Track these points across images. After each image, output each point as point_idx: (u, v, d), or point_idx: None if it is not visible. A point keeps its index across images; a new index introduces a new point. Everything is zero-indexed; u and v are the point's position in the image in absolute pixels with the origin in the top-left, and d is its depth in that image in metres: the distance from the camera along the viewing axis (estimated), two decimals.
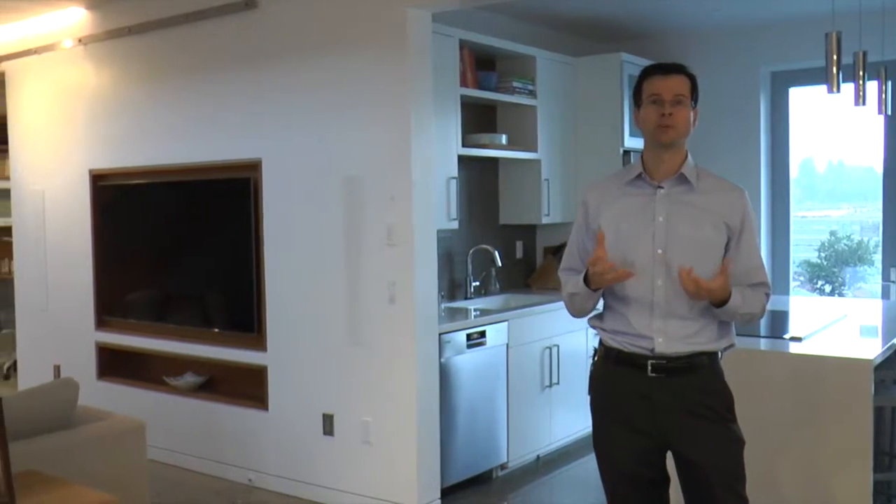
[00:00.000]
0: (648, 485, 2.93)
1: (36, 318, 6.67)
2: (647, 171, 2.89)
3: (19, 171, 6.79)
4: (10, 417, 3.14)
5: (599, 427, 3.00)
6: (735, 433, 2.84)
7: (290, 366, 5.09)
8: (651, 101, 2.81)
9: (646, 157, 2.91)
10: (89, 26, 6.05)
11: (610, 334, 2.92)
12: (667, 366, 2.80)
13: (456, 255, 5.92)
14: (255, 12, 5.09)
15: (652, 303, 2.82)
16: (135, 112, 5.85)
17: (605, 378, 2.96)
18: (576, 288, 2.90)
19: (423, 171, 4.58)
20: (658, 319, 2.81)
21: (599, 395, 2.99)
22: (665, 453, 2.91)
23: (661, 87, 2.80)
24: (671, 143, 2.82)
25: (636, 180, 2.90)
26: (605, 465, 2.99)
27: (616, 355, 2.89)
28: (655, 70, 2.86)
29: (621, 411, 2.88)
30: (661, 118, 2.79)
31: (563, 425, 5.77)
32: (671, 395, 2.80)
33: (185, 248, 5.72)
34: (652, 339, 2.81)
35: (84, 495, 3.09)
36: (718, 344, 2.86)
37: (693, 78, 2.87)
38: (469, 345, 5.01)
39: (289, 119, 5.01)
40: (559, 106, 6.28)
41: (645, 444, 2.86)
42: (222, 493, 5.19)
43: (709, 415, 2.80)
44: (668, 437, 2.84)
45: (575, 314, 3.03)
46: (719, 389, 2.85)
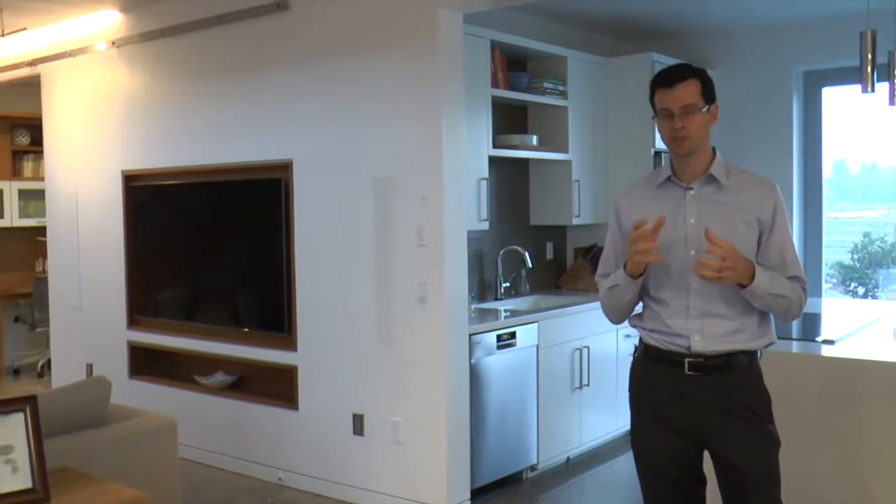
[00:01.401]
0: (684, 483, 2.93)
1: (69, 316, 6.74)
2: (675, 173, 2.88)
3: (53, 172, 6.86)
4: (45, 415, 3.17)
5: (637, 424, 2.99)
6: (771, 434, 2.82)
7: (320, 365, 5.11)
8: (662, 115, 2.80)
9: (673, 160, 2.90)
10: (122, 29, 6.11)
11: (648, 332, 2.92)
12: (704, 364, 2.79)
13: (486, 256, 5.91)
14: (287, 14, 5.11)
15: (688, 304, 2.81)
16: (167, 113, 5.89)
17: (644, 375, 2.96)
18: (615, 279, 2.89)
19: (453, 171, 4.58)
20: (694, 319, 2.80)
21: (637, 392, 2.99)
22: (702, 452, 2.90)
23: (668, 100, 2.78)
24: (688, 153, 2.82)
25: (666, 183, 2.90)
26: (641, 462, 2.99)
27: (654, 353, 2.89)
28: (660, 82, 2.82)
29: (658, 409, 2.88)
30: (673, 132, 2.78)
31: (593, 427, 5.75)
32: (708, 393, 2.79)
33: (216, 248, 5.76)
34: (688, 338, 2.80)
35: (116, 492, 3.10)
36: (757, 343, 2.84)
37: (702, 77, 2.83)
38: (499, 346, 5.00)
39: (320, 120, 5.03)
40: (590, 106, 6.25)
41: (681, 442, 2.85)
42: (252, 492, 5.22)
43: (746, 415, 2.78)
44: (704, 436, 2.83)
45: (613, 315, 3.00)
46: (757, 389, 2.83)
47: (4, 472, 2.98)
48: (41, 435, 3.09)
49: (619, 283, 2.87)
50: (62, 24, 6.48)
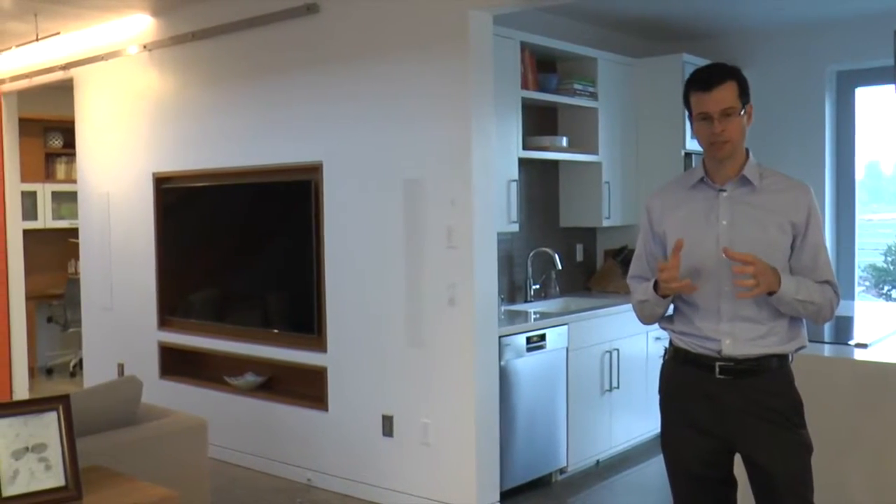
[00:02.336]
0: (715, 486, 2.90)
1: (101, 317, 6.80)
2: (708, 174, 2.86)
3: (86, 174, 6.93)
4: (77, 414, 3.20)
5: (667, 426, 2.98)
6: (803, 438, 2.79)
7: (349, 367, 5.12)
8: (700, 118, 2.77)
9: (706, 161, 2.88)
10: (154, 33, 6.15)
11: (679, 335, 2.90)
12: (735, 368, 2.76)
13: (516, 258, 5.90)
14: (317, 17, 5.13)
15: (719, 307, 2.79)
16: (198, 116, 5.93)
17: (674, 378, 2.94)
18: (645, 294, 2.88)
19: (483, 173, 4.57)
20: (725, 322, 2.78)
21: (668, 394, 2.97)
22: (732, 455, 2.87)
23: (706, 103, 2.75)
24: (728, 156, 2.79)
25: (699, 184, 2.87)
26: (671, 465, 2.97)
27: (684, 356, 2.87)
28: (697, 85, 2.79)
29: (688, 412, 2.86)
30: (711, 136, 2.76)
31: (623, 430, 5.73)
32: (738, 397, 2.76)
33: (246, 249, 5.79)
34: (719, 342, 2.78)
35: (147, 490, 3.13)
36: (788, 346, 2.81)
37: (738, 77, 2.80)
38: (529, 348, 4.99)
39: (350, 122, 5.04)
40: (620, 108, 6.23)
41: (711, 445, 2.83)
42: (281, 492, 5.23)
43: (776, 419, 2.75)
44: (734, 440, 2.80)
45: (645, 321, 3.01)
46: (788, 393, 2.80)
47: (38, 469, 3.01)
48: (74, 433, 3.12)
49: (650, 300, 2.87)
50: (95, 29, 6.55)
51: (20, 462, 2.99)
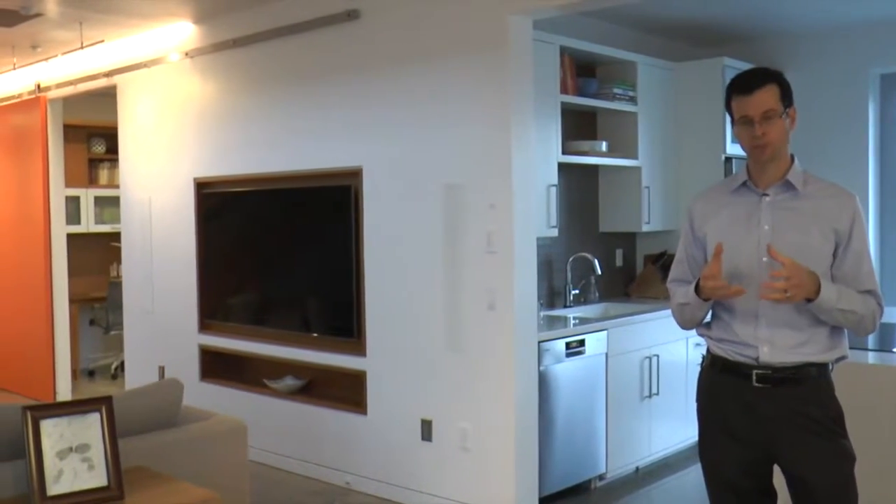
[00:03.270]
0: (754, 497, 2.86)
1: (142, 320, 6.88)
2: (751, 179, 2.83)
3: (128, 180, 7.01)
4: (120, 415, 3.23)
5: (705, 435, 2.94)
6: (845, 448, 2.73)
7: (389, 371, 5.13)
8: (741, 122, 2.75)
9: (750, 165, 2.85)
10: (196, 40, 6.22)
11: (716, 342, 2.87)
12: (772, 376, 2.72)
13: (555, 263, 5.88)
14: (358, 23, 5.15)
15: (757, 312, 2.75)
16: (238, 122, 5.98)
17: (711, 386, 2.90)
18: (686, 298, 2.85)
19: (523, 178, 4.56)
20: (763, 328, 2.74)
21: (705, 403, 2.94)
22: (771, 466, 2.83)
23: (747, 107, 2.73)
24: (770, 160, 2.76)
25: (741, 188, 2.85)
26: (709, 475, 2.94)
27: (722, 363, 2.83)
28: (738, 88, 2.77)
29: (726, 420, 2.82)
30: (753, 139, 2.73)
31: (662, 437, 5.68)
32: (776, 406, 2.72)
33: (286, 253, 5.82)
34: (756, 349, 2.74)
35: (188, 492, 3.15)
36: (828, 355, 2.75)
37: (780, 81, 2.77)
38: (568, 353, 4.97)
39: (389, 127, 5.06)
40: (660, 112, 6.19)
41: (750, 455, 2.79)
42: (320, 495, 5.26)
43: (816, 428, 2.70)
44: (773, 450, 2.76)
45: (684, 325, 2.98)
46: (826, 402, 2.74)
47: (81, 469, 3.05)
48: (116, 434, 3.15)
49: (691, 303, 2.83)
50: (138, 37, 6.63)
51: (64, 462, 3.03)
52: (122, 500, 3.05)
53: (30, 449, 2.99)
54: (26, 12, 5.75)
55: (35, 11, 5.77)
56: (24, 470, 3.03)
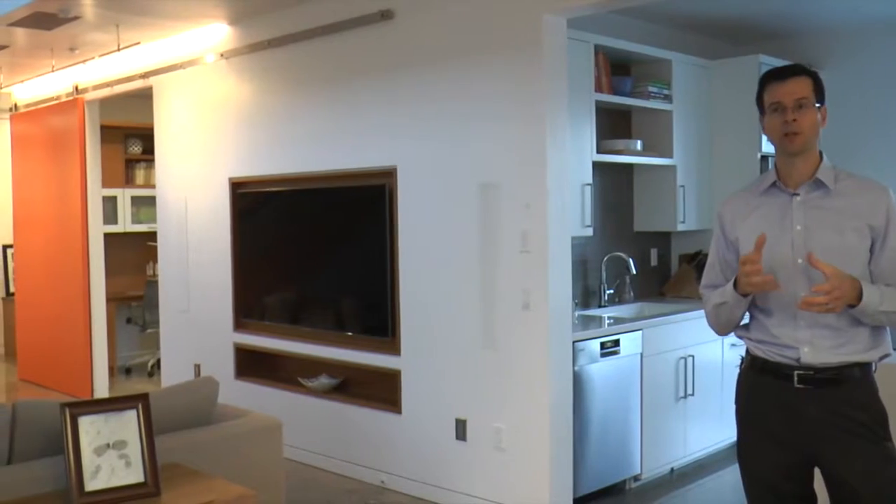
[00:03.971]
0: (793, 501, 2.82)
1: (178, 318, 6.94)
2: (780, 178, 2.79)
3: (164, 180, 7.07)
4: (156, 412, 3.26)
5: (744, 437, 2.90)
6: (889, 452, 2.68)
7: (423, 370, 5.13)
8: (773, 109, 2.71)
9: (778, 164, 2.81)
10: (231, 41, 6.26)
11: (756, 343, 2.83)
12: (814, 377, 2.68)
13: (590, 263, 5.85)
14: (392, 23, 5.16)
15: (796, 313, 2.70)
16: (273, 122, 6.01)
17: (751, 387, 2.86)
18: (723, 297, 2.81)
19: (557, 177, 4.55)
20: (803, 330, 2.70)
21: (744, 404, 2.90)
22: (812, 469, 2.78)
23: (780, 93, 2.70)
24: (801, 150, 2.72)
25: (771, 189, 2.80)
26: (748, 478, 2.90)
27: (762, 364, 2.80)
28: (772, 76, 2.74)
29: (766, 422, 2.78)
30: (784, 126, 2.69)
31: (698, 438, 5.63)
32: (818, 407, 2.67)
33: (320, 253, 5.84)
34: (797, 350, 2.70)
35: (224, 489, 3.17)
36: (871, 354, 2.71)
37: (815, 76, 2.75)
38: (603, 353, 4.95)
39: (424, 127, 5.06)
40: (695, 110, 6.14)
41: (790, 458, 2.75)
42: (355, 493, 5.27)
43: (860, 431, 2.65)
44: (815, 453, 2.71)
45: (720, 329, 2.93)
46: (871, 404, 2.69)
47: (118, 465, 3.08)
48: (153, 431, 3.18)
49: (728, 301, 2.79)
50: (174, 38, 6.68)
51: (101, 458, 3.06)
52: (158, 497, 3.08)
53: (68, 445, 3.02)
54: (65, 15, 5.82)
55: (73, 14, 5.84)
56: (62, 466, 3.06)
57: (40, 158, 8.68)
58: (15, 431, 3.19)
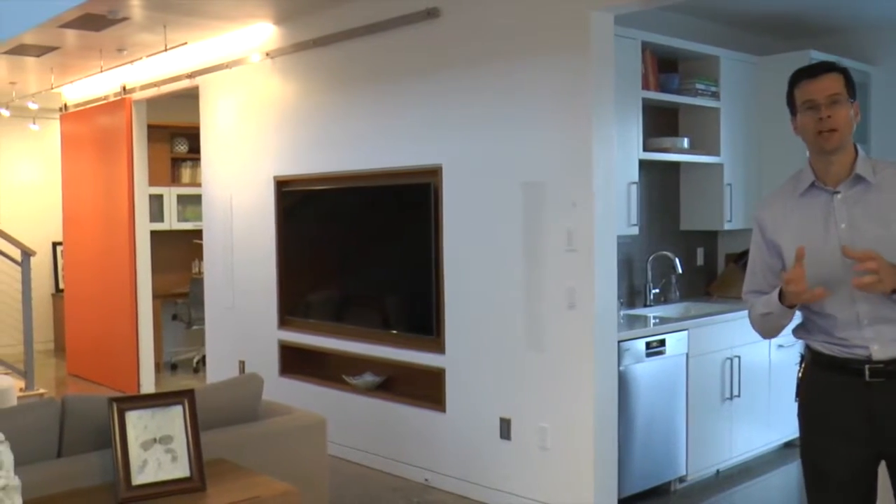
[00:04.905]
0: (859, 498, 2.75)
1: (223, 315, 6.99)
2: (818, 178, 2.73)
3: (209, 178, 7.13)
4: (202, 408, 3.28)
5: (809, 435, 2.83)
6: None
7: (467, 369, 5.12)
8: (806, 107, 2.67)
9: (814, 164, 2.75)
10: (276, 41, 6.29)
11: (820, 342, 2.75)
12: (886, 370, 2.62)
13: (635, 262, 5.80)
14: (437, 21, 5.15)
15: (857, 313, 2.64)
16: (318, 120, 6.03)
17: (817, 384, 2.79)
18: (768, 307, 2.75)
19: (604, 175, 4.51)
20: (867, 328, 2.64)
21: (810, 401, 2.82)
22: (877, 465, 2.72)
23: (812, 90, 2.65)
24: (837, 147, 2.66)
25: (810, 189, 2.74)
26: (813, 475, 2.82)
27: (828, 361, 2.73)
28: (803, 74, 2.70)
29: (835, 418, 2.71)
30: (819, 123, 2.64)
31: (744, 439, 5.56)
32: (891, 400, 2.61)
33: (365, 251, 5.85)
34: (867, 348, 2.64)
35: (268, 485, 3.19)
36: None
37: (846, 72, 2.70)
38: (648, 353, 4.90)
39: (469, 125, 5.05)
40: (743, 108, 6.05)
41: (860, 453, 2.69)
42: (399, 491, 5.27)
43: None
44: (886, 447, 2.65)
45: (767, 335, 2.89)
46: None
47: (165, 460, 3.11)
48: (198, 427, 3.20)
49: (774, 312, 2.74)
50: (220, 38, 6.74)
51: (148, 452, 3.09)
52: (203, 492, 3.10)
53: (116, 439, 3.06)
54: (113, 16, 5.89)
55: (122, 16, 5.91)
56: (110, 459, 3.10)
57: (89, 157, 8.81)
58: (64, 425, 3.23)
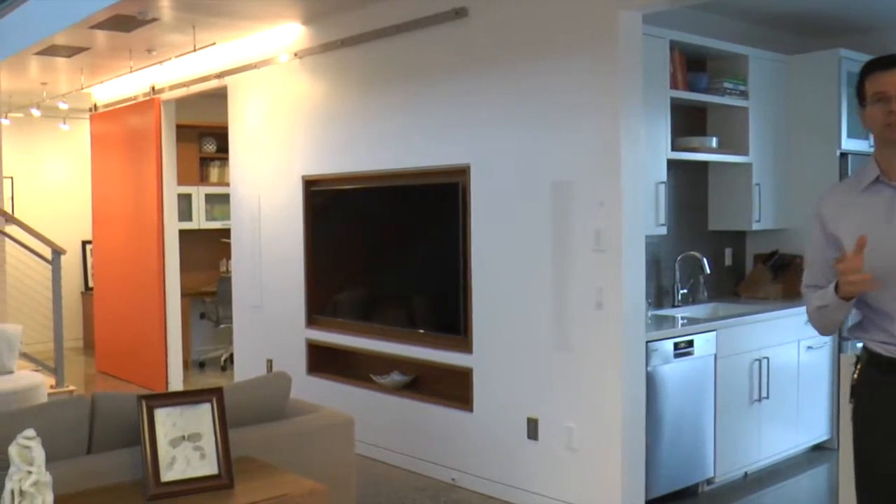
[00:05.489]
0: None
1: (251, 314, 7.03)
2: (883, 172, 2.69)
3: (238, 177, 7.17)
4: (230, 406, 3.30)
5: (864, 437, 2.77)
6: None
7: (495, 368, 5.11)
8: (875, 99, 2.63)
9: (878, 157, 2.71)
10: (305, 41, 6.31)
11: (879, 342, 2.71)
12: None
13: (663, 262, 5.77)
14: (466, 21, 5.15)
15: None
16: (346, 120, 6.05)
17: (874, 385, 2.73)
18: (824, 300, 2.70)
19: (632, 175, 4.49)
20: None
21: (866, 402, 2.76)
22: None
23: (884, 82, 2.61)
24: None
25: (874, 185, 2.70)
26: (867, 478, 2.75)
27: (888, 362, 2.67)
28: (876, 65, 2.66)
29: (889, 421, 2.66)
30: (888, 116, 2.60)
31: (772, 441, 5.51)
32: None
33: (393, 250, 5.86)
34: None
35: (297, 483, 3.19)
36: None
37: None
38: (676, 354, 4.87)
39: (497, 124, 5.04)
40: (772, 107, 6.00)
41: None
42: (426, 491, 5.28)
43: None
44: None
45: (824, 330, 2.83)
46: None
47: (193, 457, 3.13)
48: (226, 425, 3.22)
49: (829, 304, 2.68)
50: (248, 38, 6.77)
51: (177, 450, 3.11)
52: (231, 489, 3.11)
53: (145, 436, 3.08)
54: (143, 17, 5.94)
55: (151, 17, 5.95)
56: (139, 456, 3.12)
57: (118, 157, 8.89)
58: (94, 422, 3.26)
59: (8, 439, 2.72)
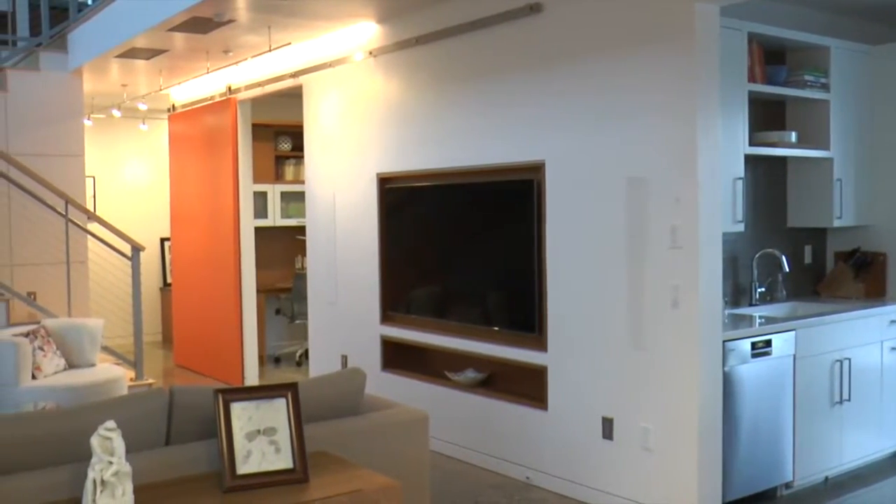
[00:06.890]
0: None
1: (325, 310, 7.09)
2: None
3: (312, 176, 7.24)
4: (305, 401, 3.33)
5: None
6: None
7: (570, 367, 5.07)
8: None
9: None
10: (379, 39, 6.35)
11: None
12: None
13: (741, 260, 5.65)
14: (540, 16, 5.12)
15: None
16: (421, 118, 6.07)
17: None
18: None
19: (709, 171, 4.41)
20: None
21: None
22: None
23: None
24: None
25: None
26: None
27: None
28: None
29: None
30: None
31: (854, 446, 5.36)
32: None
33: (467, 248, 5.86)
34: None
35: (370, 478, 3.20)
36: None
37: None
38: (754, 354, 4.77)
39: (572, 120, 5.00)
40: (854, 99, 5.84)
41: None
42: (500, 489, 5.26)
43: None
44: None
45: None
46: None
47: (268, 451, 3.16)
48: (301, 419, 3.24)
49: None
50: (323, 38, 6.83)
51: (252, 443, 3.14)
52: (306, 483, 3.14)
53: (221, 430, 3.12)
54: (220, 19, 6.03)
55: (227, 18, 6.04)
56: (215, 449, 3.17)
57: (195, 156, 9.06)
58: (172, 415, 3.32)
59: (90, 430, 2.79)
